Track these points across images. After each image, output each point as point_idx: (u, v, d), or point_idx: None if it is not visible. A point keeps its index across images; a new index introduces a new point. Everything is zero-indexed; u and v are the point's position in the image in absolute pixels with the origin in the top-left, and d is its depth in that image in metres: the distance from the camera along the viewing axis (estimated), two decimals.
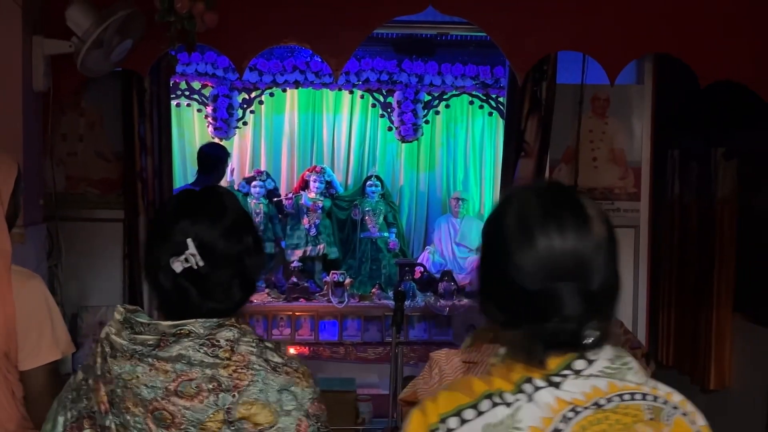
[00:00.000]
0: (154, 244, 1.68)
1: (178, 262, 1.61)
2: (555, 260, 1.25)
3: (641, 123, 5.01)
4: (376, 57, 6.71)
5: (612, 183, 5.02)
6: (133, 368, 1.58)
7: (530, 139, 4.61)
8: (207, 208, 1.69)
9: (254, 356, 1.61)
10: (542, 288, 1.25)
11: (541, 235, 1.26)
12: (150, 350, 1.59)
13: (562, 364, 1.26)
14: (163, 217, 1.72)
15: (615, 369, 1.27)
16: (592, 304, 1.25)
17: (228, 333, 1.62)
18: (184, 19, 3.63)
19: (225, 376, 1.57)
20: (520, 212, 1.30)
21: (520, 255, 1.27)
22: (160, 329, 1.61)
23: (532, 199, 1.32)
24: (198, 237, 1.63)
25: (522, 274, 1.26)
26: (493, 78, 6.71)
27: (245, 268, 1.69)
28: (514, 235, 1.28)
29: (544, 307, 1.25)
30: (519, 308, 1.28)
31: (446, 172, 7.68)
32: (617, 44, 4.24)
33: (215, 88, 6.73)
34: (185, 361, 1.57)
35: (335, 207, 7.41)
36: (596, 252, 1.26)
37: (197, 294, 1.63)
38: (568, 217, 1.28)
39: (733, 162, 4.98)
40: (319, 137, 7.61)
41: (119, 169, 4.59)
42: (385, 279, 7.04)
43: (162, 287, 1.65)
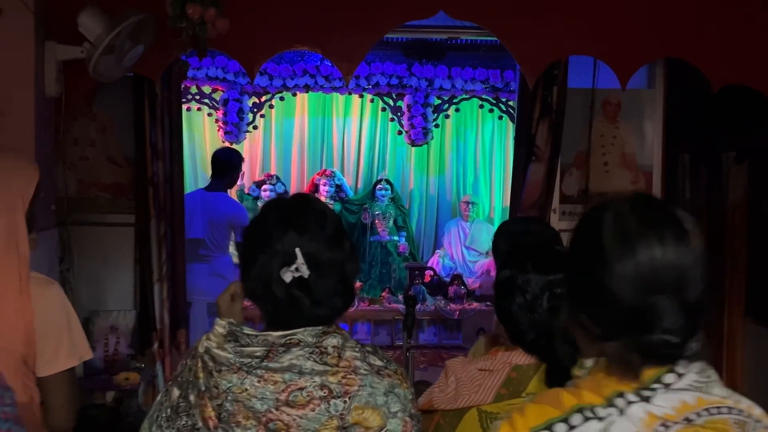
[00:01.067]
0: (258, 254, 1.68)
1: (289, 272, 1.63)
2: (656, 272, 1.24)
3: (652, 127, 4.99)
4: (386, 61, 6.73)
5: (623, 187, 5.00)
6: (241, 381, 1.58)
7: (541, 143, 4.60)
8: (309, 218, 1.71)
9: (359, 361, 1.63)
10: (643, 300, 1.24)
11: (642, 247, 1.25)
12: (259, 362, 1.59)
13: (653, 378, 1.26)
14: (266, 229, 1.71)
15: (702, 382, 1.27)
16: (690, 316, 1.25)
17: (333, 340, 1.64)
18: (196, 25, 3.63)
19: (335, 382, 1.58)
20: (618, 223, 1.29)
21: (620, 266, 1.26)
22: (270, 340, 1.62)
23: (627, 210, 1.31)
24: (304, 247, 1.65)
25: (623, 285, 1.25)
26: (503, 82, 6.72)
27: (346, 275, 1.71)
28: (613, 247, 1.27)
29: (645, 319, 1.24)
30: (618, 321, 1.27)
31: (456, 176, 7.69)
32: (628, 49, 4.23)
33: (226, 92, 6.76)
34: (296, 371, 1.58)
35: (345, 210, 7.42)
36: (695, 265, 1.26)
37: (309, 302, 1.65)
38: (668, 229, 1.27)
39: (743, 166, 4.97)
40: (329, 141, 7.63)
41: (130, 173, 4.60)
42: (395, 283, 7.05)
43: (275, 297, 1.65)
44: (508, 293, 2.00)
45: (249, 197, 7.18)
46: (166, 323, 4.52)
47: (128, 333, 4.46)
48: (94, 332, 4.39)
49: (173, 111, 4.58)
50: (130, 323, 4.49)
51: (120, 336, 4.43)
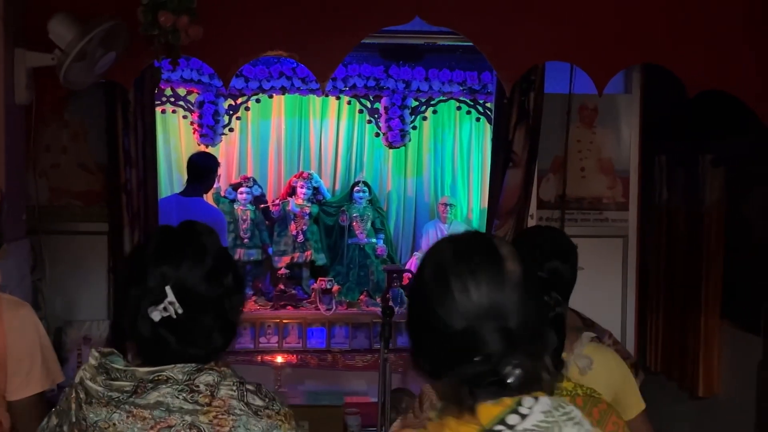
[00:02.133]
0: (130, 287, 1.63)
1: (157, 311, 1.57)
2: (471, 302, 1.26)
3: (629, 132, 5.00)
4: (363, 63, 6.68)
5: (600, 193, 5.01)
6: (109, 415, 1.55)
7: (518, 149, 4.59)
8: (187, 251, 1.64)
9: (235, 400, 1.58)
10: (461, 329, 1.26)
11: (454, 279, 1.28)
12: (127, 397, 1.55)
13: (496, 419, 1.23)
14: (141, 259, 1.65)
15: (551, 422, 1.23)
16: (512, 342, 1.24)
17: (207, 377, 1.58)
18: (168, 32, 3.58)
19: (205, 422, 1.54)
20: (436, 260, 1.33)
21: (438, 301, 1.28)
22: (138, 375, 1.58)
23: (446, 246, 1.34)
24: (178, 282, 1.59)
25: (442, 319, 1.27)
26: (480, 83, 6.69)
27: (226, 312, 1.66)
28: (431, 283, 1.31)
29: (465, 348, 1.25)
30: (443, 355, 1.28)
31: (434, 178, 7.65)
32: (605, 54, 4.23)
33: (201, 94, 6.68)
34: (164, 408, 1.54)
35: (322, 213, 7.37)
36: (511, 292, 1.27)
37: (176, 342, 1.60)
38: (479, 259, 1.29)
39: (720, 169, 4.99)
40: (306, 143, 7.57)
41: (103, 181, 4.54)
42: (373, 285, 7.01)
43: (140, 335, 1.60)
44: None
45: (225, 200, 7.11)
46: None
47: (101, 343, 4.41)
48: (66, 343, 4.34)
49: (146, 117, 4.53)
50: (104, 333, 4.44)
51: (93, 346, 4.37)
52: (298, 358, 6.21)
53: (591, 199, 5.00)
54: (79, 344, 4.35)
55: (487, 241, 1.33)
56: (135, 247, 1.72)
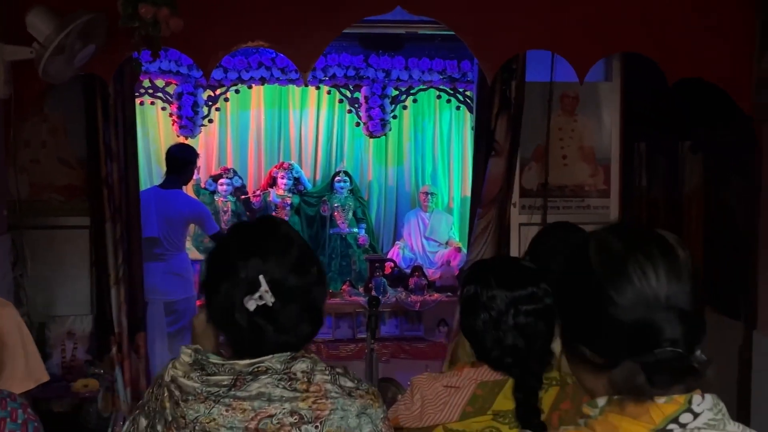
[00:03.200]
0: (219, 282, 1.65)
1: (252, 300, 1.59)
2: (651, 289, 1.25)
3: (610, 120, 5.02)
4: (343, 52, 6.67)
5: (582, 180, 5.03)
6: (208, 410, 1.56)
7: (500, 138, 4.60)
8: (274, 244, 1.67)
9: (329, 384, 1.61)
10: (642, 318, 1.24)
11: (632, 266, 1.26)
12: (226, 391, 1.57)
13: (669, 417, 1.23)
14: (227, 254, 1.68)
15: (718, 420, 1.25)
16: (690, 327, 1.24)
17: (302, 365, 1.61)
18: (149, 24, 3.54)
19: (305, 408, 1.57)
20: (604, 250, 1.31)
21: (614, 289, 1.26)
22: (237, 369, 1.60)
23: (610, 236, 1.33)
24: (269, 273, 1.61)
25: (619, 308, 1.25)
26: (460, 72, 6.71)
27: (313, 300, 1.69)
28: (604, 272, 1.28)
29: (648, 336, 1.23)
30: (620, 345, 1.26)
31: (415, 167, 7.68)
32: (586, 43, 4.23)
33: (179, 85, 6.65)
34: (265, 398, 1.57)
35: (304, 203, 7.37)
36: (687, 278, 1.27)
37: (273, 330, 1.62)
38: (654, 246, 1.29)
39: (699, 156, 5.02)
40: (286, 133, 7.57)
41: (84, 175, 4.49)
42: (355, 275, 7.02)
43: (237, 326, 1.62)
44: (472, 310, 1.99)
45: (206, 192, 7.09)
46: (124, 327, 4.45)
47: (85, 338, 4.38)
48: (50, 338, 4.30)
49: (126, 110, 4.49)
50: (87, 328, 4.41)
51: (77, 341, 4.35)
52: None
53: (573, 187, 5.03)
54: (62, 340, 4.32)
55: (652, 230, 1.33)
56: (217, 245, 1.74)
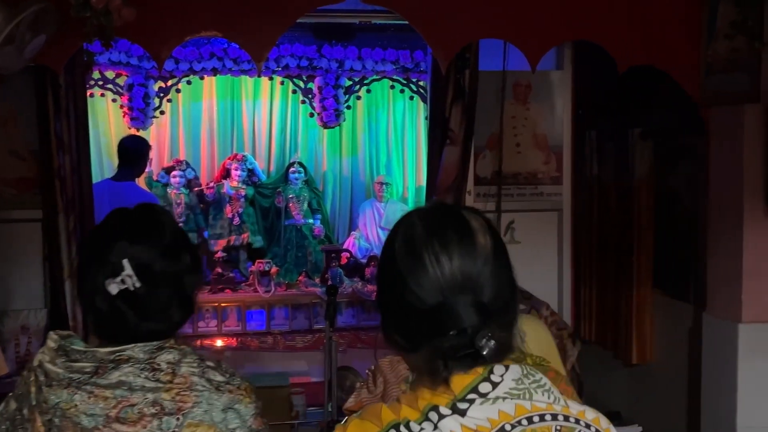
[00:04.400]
0: (89, 265, 1.65)
1: (114, 284, 1.59)
2: (444, 276, 1.26)
3: (562, 108, 5.09)
4: (296, 42, 6.64)
5: (536, 168, 5.10)
6: (70, 397, 1.56)
7: (455, 126, 4.64)
8: (144, 228, 1.67)
9: (196, 377, 1.61)
10: (436, 304, 1.26)
11: (427, 254, 1.27)
12: (88, 378, 1.56)
13: (468, 387, 1.25)
14: (99, 238, 1.68)
15: (522, 389, 1.26)
16: (486, 315, 1.25)
17: (168, 356, 1.61)
18: (101, 14, 3.49)
19: (168, 399, 1.57)
20: (407, 235, 1.32)
21: (411, 276, 1.28)
22: (98, 356, 1.59)
23: (416, 221, 1.34)
24: (135, 257, 1.61)
25: (415, 294, 1.27)
26: (413, 62, 6.72)
27: (184, 288, 1.68)
28: (403, 259, 1.30)
29: (440, 322, 1.25)
30: (417, 329, 1.28)
31: (369, 157, 7.69)
32: (537, 32, 4.28)
33: (130, 77, 6.56)
34: (126, 387, 1.56)
35: (258, 195, 7.34)
36: (483, 264, 1.28)
37: (135, 316, 1.61)
38: (451, 233, 1.29)
39: (649, 142, 5.12)
40: (239, 125, 7.51)
41: (35, 167, 4.43)
42: (311, 266, 7.02)
43: (98, 310, 1.62)
44: None
45: (158, 184, 7.01)
46: (79, 320, 4.40)
47: (40, 332, 4.33)
48: (3, 333, 4.25)
49: (78, 101, 4.44)
50: (42, 322, 4.36)
51: (31, 336, 4.30)
52: (238, 341, 6.19)
53: (526, 174, 5.09)
54: (16, 334, 4.26)
55: (458, 214, 1.34)
56: (94, 228, 1.74)
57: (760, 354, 4.13)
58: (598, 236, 5.35)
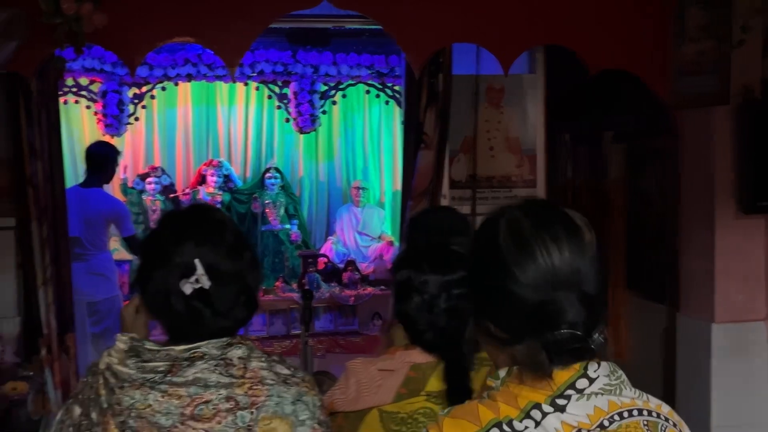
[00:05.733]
0: (153, 269, 1.66)
1: (189, 284, 1.60)
2: (554, 269, 1.27)
3: (535, 111, 5.13)
4: (270, 48, 6.66)
5: (509, 171, 5.13)
6: (144, 397, 1.56)
7: (429, 130, 4.65)
8: (207, 228, 1.69)
9: (265, 371, 1.63)
10: (545, 298, 1.26)
11: (538, 247, 1.28)
12: (162, 377, 1.58)
13: (566, 383, 1.27)
14: (162, 242, 1.68)
15: (613, 385, 1.29)
16: (592, 309, 1.27)
17: (239, 351, 1.63)
18: (72, 20, 3.50)
19: (241, 394, 1.58)
20: (512, 228, 1.32)
21: (519, 268, 1.28)
22: (173, 354, 1.60)
23: (520, 215, 1.34)
24: (203, 258, 1.63)
25: (523, 287, 1.27)
26: (388, 67, 6.76)
27: (248, 284, 1.70)
28: (510, 250, 1.30)
29: (548, 316, 1.26)
30: (522, 322, 1.28)
31: (346, 162, 7.71)
32: (509, 36, 4.31)
33: (104, 83, 6.54)
34: (201, 384, 1.57)
35: (234, 201, 7.33)
36: (590, 259, 1.29)
37: (211, 314, 1.63)
38: (560, 227, 1.31)
39: (621, 145, 5.16)
40: (214, 131, 7.51)
41: (8, 175, 4.39)
42: (288, 271, 7.02)
43: (175, 310, 1.63)
44: (405, 294, 2.03)
45: (133, 191, 6.99)
46: (53, 328, 4.37)
47: (13, 340, 4.29)
48: None
49: (50, 108, 4.40)
50: (15, 330, 4.32)
51: (5, 344, 4.26)
52: None
53: (500, 178, 5.12)
54: None
55: (562, 210, 1.35)
56: (149, 234, 1.74)
57: (733, 353, 4.18)
58: None
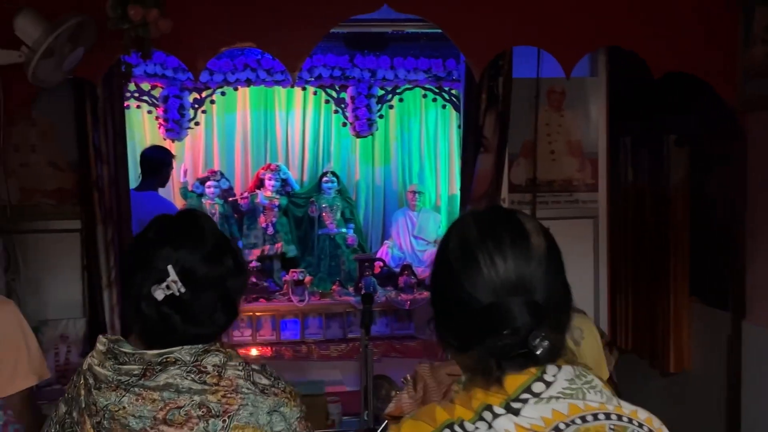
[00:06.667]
0: (134, 272, 1.67)
1: (160, 289, 1.61)
2: (498, 277, 1.28)
3: (597, 114, 5.06)
4: (328, 53, 6.69)
5: (570, 175, 5.07)
6: (119, 399, 1.58)
7: (489, 134, 4.63)
8: (186, 234, 1.70)
9: (242, 380, 1.62)
10: (489, 304, 1.27)
11: (481, 254, 1.29)
12: (136, 380, 1.59)
13: (522, 387, 1.26)
14: (143, 245, 1.70)
15: (575, 389, 1.27)
16: (539, 315, 1.26)
17: (214, 358, 1.62)
18: (138, 26, 3.55)
19: (214, 401, 1.58)
20: (461, 235, 1.34)
21: (465, 276, 1.29)
22: (146, 359, 1.61)
23: (470, 222, 1.36)
24: (179, 263, 1.63)
25: (469, 294, 1.28)
26: (445, 71, 6.74)
27: (227, 291, 1.70)
28: (457, 259, 1.31)
29: (493, 322, 1.26)
30: (471, 329, 1.29)
31: (401, 166, 7.70)
32: (571, 38, 4.27)
33: (165, 88, 6.64)
34: (173, 389, 1.58)
35: (291, 204, 7.38)
36: (537, 265, 1.29)
37: (181, 321, 1.64)
38: (505, 234, 1.31)
39: (684, 149, 5.07)
40: (272, 135, 7.57)
41: (74, 178, 4.49)
42: (344, 275, 7.04)
43: (145, 315, 1.64)
44: None
45: (193, 195, 7.08)
46: (117, 329, 4.44)
47: (79, 341, 4.38)
48: (43, 342, 4.28)
49: (116, 113, 4.49)
50: (81, 331, 4.41)
51: (71, 345, 4.35)
52: (273, 351, 6.22)
53: (561, 182, 5.06)
54: (56, 343, 4.31)
55: (512, 216, 1.36)
56: (137, 236, 1.76)
57: None
58: (634, 244, 5.30)
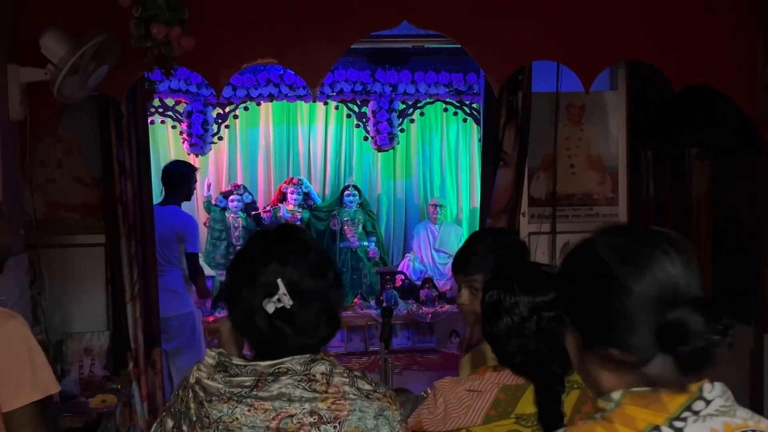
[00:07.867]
0: (242, 288, 1.71)
1: (271, 303, 1.65)
2: (672, 282, 1.27)
3: (616, 128, 5.06)
4: (350, 68, 6.74)
5: (590, 189, 5.07)
6: (231, 410, 1.62)
7: (508, 148, 4.64)
8: (292, 249, 1.74)
9: (348, 386, 1.66)
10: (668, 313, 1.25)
11: (654, 262, 1.28)
12: (248, 391, 1.63)
13: (683, 406, 1.27)
14: (248, 261, 1.75)
15: (728, 406, 1.28)
16: (711, 314, 1.26)
17: (322, 366, 1.67)
18: (161, 44, 3.60)
19: (324, 408, 1.62)
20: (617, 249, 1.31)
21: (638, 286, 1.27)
22: (258, 370, 1.66)
23: (617, 236, 1.34)
24: (287, 277, 1.67)
25: (645, 304, 1.27)
26: (466, 85, 6.77)
27: (330, 303, 1.74)
28: (624, 271, 1.29)
29: (677, 329, 1.25)
30: (651, 340, 1.27)
31: (423, 179, 7.73)
32: (591, 53, 4.28)
33: (189, 104, 6.72)
34: (285, 399, 1.62)
35: (314, 218, 7.42)
36: (696, 269, 1.31)
37: (292, 333, 1.68)
38: (663, 241, 1.31)
39: (706, 162, 5.06)
40: (294, 149, 7.63)
41: (98, 193, 4.55)
42: (366, 288, 7.06)
43: (258, 328, 1.69)
44: (495, 315, 2.02)
45: (216, 208, 7.15)
46: (140, 342, 4.49)
47: (102, 354, 4.42)
48: (67, 355, 4.34)
49: (139, 128, 4.55)
50: (104, 344, 4.45)
51: (94, 358, 4.39)
52: None
53: (581, 195, 5.06)
54: (80, 356, 4.36)
55: (653, 228, 1.36)
56: (239, 252, 1.81)
57: None
58: None
